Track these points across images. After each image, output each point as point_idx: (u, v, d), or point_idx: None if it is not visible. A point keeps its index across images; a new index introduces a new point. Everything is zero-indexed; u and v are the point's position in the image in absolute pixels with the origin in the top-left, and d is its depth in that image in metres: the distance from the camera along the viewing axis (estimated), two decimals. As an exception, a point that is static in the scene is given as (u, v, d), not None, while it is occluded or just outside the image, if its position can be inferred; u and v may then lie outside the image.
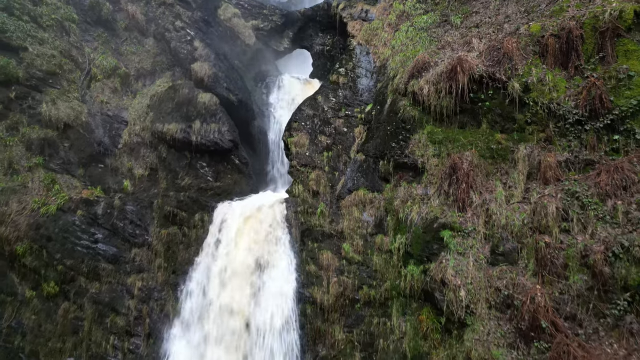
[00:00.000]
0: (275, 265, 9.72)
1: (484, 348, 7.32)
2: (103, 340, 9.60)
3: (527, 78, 9.15)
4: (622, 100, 8.23)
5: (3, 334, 9.14)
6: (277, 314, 9.15)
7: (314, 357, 9.24)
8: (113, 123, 12.08)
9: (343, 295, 9.47)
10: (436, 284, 8.24)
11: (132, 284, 10.03)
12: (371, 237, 9.97)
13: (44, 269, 9.71)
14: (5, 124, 11.23)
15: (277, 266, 9.74)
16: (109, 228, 10.39)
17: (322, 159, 11.17)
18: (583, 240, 7.45)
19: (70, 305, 9.68)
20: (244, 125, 12.82)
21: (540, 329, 7.00)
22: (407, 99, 10.48)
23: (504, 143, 9.26)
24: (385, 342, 8.79)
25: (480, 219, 8.53)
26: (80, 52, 13.16)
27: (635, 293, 6.55)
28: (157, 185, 11.34)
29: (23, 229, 9.79)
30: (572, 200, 7.90)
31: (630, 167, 7.73)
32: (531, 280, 7.59)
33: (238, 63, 14.44)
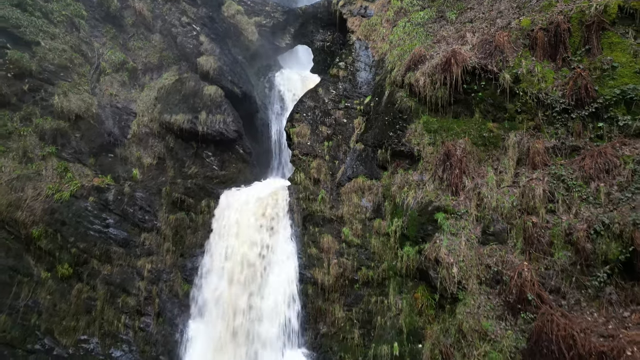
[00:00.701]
0: (278, 247, 10.22)
1: (475, 320, 7.82)
2: (115, 319, 10.09)
3: (518, 69, 9.65)
4: (606, 89, 8.73)
5: (20, 312, 9.63)
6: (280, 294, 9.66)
7: (315, 334, 9.74)
8: (122, 114, 12.59)
9: (343, 276, 9.96)
10: (430, 262, 8.74)
11: (142, 266, 10.53)
12: (369, 222, 10.46)
13: (58, 252, 10.21)
14: (19, 115, 11.71)
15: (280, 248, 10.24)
16: (119, 214, 10.89)
17: (323, 149, 11.67)
18: (567, 219, 7.95)
19: (84, 286, 10.18)
20: (248, 117, 13.33)
21: (527, 301, 7.50)
22: (404, 90, 10.97)
23: (496, 131, 9.76)
24: (382, 319, 9.29)
25: (473, 202, 9.03)
26: (89, 47, 13.66)
27: (615, 266, 7.04)
28: (165, 173, 11.84)
29: (38, 214, 10.28)
30: (558, 183, 8.39)
31: (613, 152, 8.23)
32: (519, 258, 8.09)
33: (241, 58, 14.94)
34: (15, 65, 11.96)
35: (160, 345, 9.90)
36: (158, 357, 9.81)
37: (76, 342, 9.79)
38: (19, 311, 9.61)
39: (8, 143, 11.26)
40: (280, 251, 10.29)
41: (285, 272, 10.08)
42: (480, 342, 7.61)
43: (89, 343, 9.84)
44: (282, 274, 10.05)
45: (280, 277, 10.01)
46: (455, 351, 7.87)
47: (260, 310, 9.65)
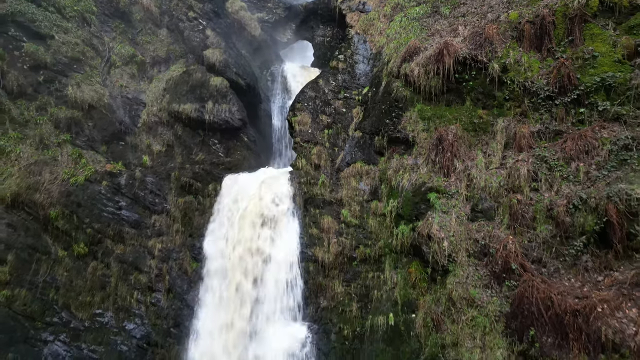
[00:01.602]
0: (280, 226, 10.86)
1: (463, 289, 8.46)
2: (128, 295, 10.74)
3: (506, 60, 10.28)
4: (587, 77, 9.37)
5: (39, 288, 10.27)
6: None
7: (316, 308, 10.38)
8: (132, 105, 13.23)
9: (342, 254, 10.61)
10: (423, 238, 9.38)
11: (153, 246, 11.18)
12: (367, 203, 11.11)
13: (74, 232, 10.85)
14: (35, 104, 12.35)
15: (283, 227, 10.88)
16: (131, 197, 11.54)
17: (323, 136, 12.31)
18: (549, 196, 8.59)
19: (98, 264, 10.83)
20: (252, 108, 13.97)
21: (511, 270, 8.14)
22: (400, 80, 11.61)
23: (485, 117, 10.40)
24: (378, 293, 9.94)
25: (463, 183, 9.67)
26: (100, 41, 14.30)
27: (590, 237, 7.68)
28: (174, 160, 12.48)
29: (55, 196, 10.92)
30: (541, 164, 9.04)
31: (592, 135, 8.86)
32: (505, 232, 8.74)
33: (245, 52, 15.58)
34: (31, 58, 12.61)
35: (170, 318, 10.55)
36: (169, 329, 10.46)
37: (91, 315, 10.44)
38: (38, 286, 10.25)
39: (25, 131, 11.90)
40: (283, 231, 10.93)
41: (287, 250, 10.71)
42: (468, 309, 8.26)
43: (103, 317, 10.48)
44: (284, 252, 10.68)
45: (283, 255, 10.64)
46: (445, 318, 8.51)
47: (265, 284, 10.28)
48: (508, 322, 7.70)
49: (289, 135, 15.42)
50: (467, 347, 7.95)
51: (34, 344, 9.79)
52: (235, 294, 10.17)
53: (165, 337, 10.42)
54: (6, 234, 10.32)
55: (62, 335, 10.06)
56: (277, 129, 15.04)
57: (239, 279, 10.34)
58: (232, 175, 11.85)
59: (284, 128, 15.27)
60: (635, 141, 8.22)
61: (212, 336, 10.02)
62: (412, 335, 8.96)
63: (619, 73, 9.04)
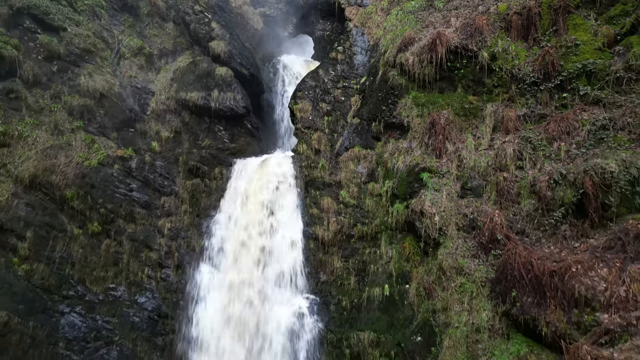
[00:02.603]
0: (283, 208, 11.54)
1: (453, 259, 9.12)
2: (139, 270, 11.40)
3: (495, 49, 10.94)
4: (570, 64, 10.02)
5: (56, 263, 10.92)
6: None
7: (316, 282, 11.05)
8: (141, 94, 13.89)
9: (340, 232, 11.27)
10: (416, 214, 10.03)
11: (163, 225, 11.83)
12: (364, 185, 11.77)
13: (88, 211, 11.50)
14: (49, 93, 13.00)
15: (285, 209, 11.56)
16: (141, 180, 12.19)
17: (323, 123, 12.97)
18: (533, 173, 9.25)
19: (111, 242, 11.48)
20: (255, 97, 14.62)
21: (497, 241, 8.80)
22: (396, 69, 12.26)
23: (475, 103, 11.06)
24: (375, 267, 10.60)
25: (453, 163, 10.33)
26: (110, 33, 14.96)
27: (569, 208, 8.34)
28: (181, 145, 13.13)
29: (70, 178, 11.57)
30: (526, 144, 9.70)
31: (573, 117, 9.52)
32: (492, 207, 9.40)
33: (248, 45, 16.22)
34: (45, 49, 13.27)
35: (179, 292, 11.22)
36: (178, 302, 11.13)
37: (105, 289, 11.10)
38: (55, 262, 10.91)
39: (41, 117, 12.56)
40: (285, 211, 11.59)
41: (290, 229, 11.38)
42: (457, 276, 8.92)
43: (116, 291, 11.14)
44: (287, 230, 11.35)
45: (287, 232, 11.31)
46: (436, 286, 9.17)
47: (269, 258, 10.96)
48: (493, 286, 8.36)
49: (290, 124, 16.12)
50: (455, 311, 8.62)
51: (52, 315, 10.45)
52: (243, 267, 10.85)
53: (175, 310, 11.08)
54: (25, 212, 10.99)
55: (77, 307, 10.71)
56: (278, 118, 15.70)
57: (247, 253, 11.01)
58: (240, 159, 12.54)
59: (285, 118, 15.92)
60: (612, 121, 8.88)
61: (222, 302, 10.71)
62: (406, 304, 9.62)
63: (599, 60, 9.69)
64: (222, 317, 10.79)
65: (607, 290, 6.78)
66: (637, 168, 7.74)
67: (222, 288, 10.95)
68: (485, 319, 8.15)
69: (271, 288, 10.85)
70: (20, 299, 10.20)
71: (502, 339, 7.91)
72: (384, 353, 9.37)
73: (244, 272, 11.11)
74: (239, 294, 10.81)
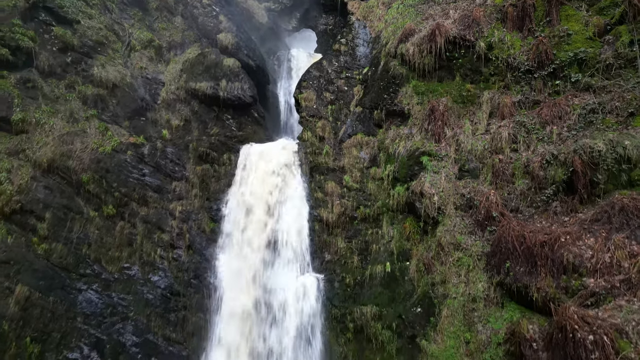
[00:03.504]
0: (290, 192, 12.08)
1: (451, 236, 9.67)
2: (152, 251, 11.94)
3: (491, 39, 11.48)
4: (562, 53, 10.57)
5: (74, 243, 11.45)
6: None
7: (321, 261, 11.60)
8: (152, 84, 14.42)
9: (344, 214, 11.81)
10: (416, 195, 10.58)
11: (174, 208, 12.38)
12: (367, 170, 12.32)
13: (103, 195, 12.03)
14: (64, 83, 13.53)
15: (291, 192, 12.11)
16: (153, 165, 12.73)
17: (327, 111, 13.51)
18: (526, 155, 9.79)
19: (125, 224, 12.02)
20: (261, 88, 15.15)
21: (492, 218, 9.34)
22: (397, 60, 12.79)
23: (473, 91, 11.60)
24: (377, 246, 11.15)
25: (452, 147, 10.88)
26: (120, 27, 15.48)
27: (559, 186, 8.88)
28: (191, 133, 13.66)
29: (86, 163, 12.10)
30: (520, 128, 10.24)
31: (565, 103, 10.07)
32: (488, 187, 9.94)
33: (253, 38, 16.75)
34: (59, 40, 13.80)
35: (191, 271, 11.76)
36: (190, 280, 11.67)
37: (120, 269, 11.64)
38: (72, 242, 11.45)
39: (56, 106, 13.08)
40: (291, 195, 12.15)
41: (296, 212, 11.93)
42: (454, 252, 9.46)
43: (130, 270, 11.68)
44: (294, 214, 11.90)
45: (293, 215, 11.86)
46: (435, 261, 9.72)
47: (277, 240, 11.52)
48: (488, 259, 8.90)
49: (294, 115, 16.67)
50: (453, 283, 9.16)
51: (70, 292, 10.99)
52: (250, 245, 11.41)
53: (187, 288, 11.62)
54: (43, 194, 11.53)
55: (94, 285, 11.25)
56: (282, 109, 16.24)
57: (254, 234, 11.56)
58: (247, 145, 13.13)
59: (288, 109, 16.46)
60: (601, 106, 9.43)
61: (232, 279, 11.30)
62: (407, 279, 10.17)
63: (590, 49, 10.24)
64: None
65: (593, 257, 7.32)
66: (624, 147, 8.27)
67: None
68: (481, 289, 8.70)
69: (279, 267, 11.39)
70: (40, 275, 10.74)
71: (496, 307, 8.46)
72: (386, 325, 9.92)
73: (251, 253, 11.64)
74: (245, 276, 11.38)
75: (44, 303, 10.52)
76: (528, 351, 7.29)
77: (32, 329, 10.26)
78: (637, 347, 6.09)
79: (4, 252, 10.64)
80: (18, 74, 12.80)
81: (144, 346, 10.93)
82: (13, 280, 10.41)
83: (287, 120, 15.99)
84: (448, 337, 8.69)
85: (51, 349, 10.35)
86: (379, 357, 9.91)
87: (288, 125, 16.09)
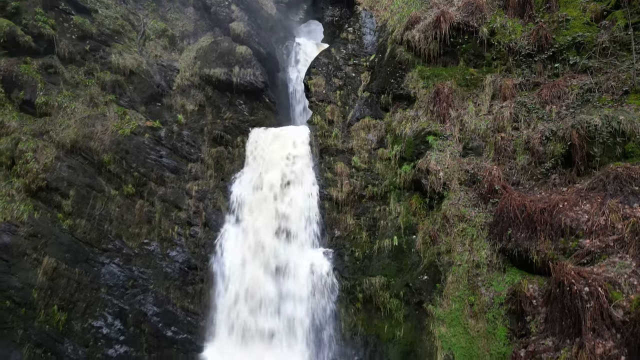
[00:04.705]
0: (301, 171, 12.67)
1: (456, 209, 10.23)
2: (170, 228, 12.52)
3: (493, 25, 12.04)
4: (561, 37, 11.13)
5: (96, 220, 12.03)
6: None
7: (331, 237, 12.17)
8: (167, 71, 15.00)
9: (353, 193, 12.38)
10: (422, 173, 11.14)
11: (190, 188, 12.96)
12: (374, 151, 12.88)
13: (123, 175, 12.62)
14: (83, 69, 14.12)
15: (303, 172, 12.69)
16: (170, 147, 13.32)
17: (336, 96, 14.07)
18: (527, 132, 10.35)
19: (144, 202, 12.60)
20: (271, 75, 15.72)
21: (495, 191, 9.91)
22: (403, 46, 13.34)
23: (476, 75, 12.16)
24: (384, 222, 11.71)
25: (456, 127, 11.44)
26: (135, 16, 16.07)
27: (558, 159, 9.43)
28: (205, 118, 14.24)
29: (107, 144, 12.69)
30: (521, 108, 10.80)
31: (564, 84, 10.63)
32: (490, 163, 10.50)
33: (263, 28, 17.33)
34: (78, 29, 14.39)
35: (208, 246, 12.35)
36: (207, 255, 12.26)
37: (140, 244, 12.22)
38: (95, 218, 12.04)
39: (77, 91, 13.68)
40: (302, 175, 12.72)
41: (306, 191, 12.51)
42: (459, 223, 10.03)
43: (150, 245, 12.27)
44: (304, 192, 12.48)
45: (303, 194, 12.44)
46: (440, 233, 10.28)
47: (288, 216, 12.10)
48: (491, 229, 9.47)
49: (302, 103, 17.24)
50: (458, 252, 9.73)
51: (94, 265, 11.59)
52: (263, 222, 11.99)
53: (204, 262, 12.21)
54: (67, 173, 12.13)
55: (116, 259, 11.84)
56: (291, 97, 16.81)
57: (267, 212, 12.14)
58: (259, 128, 13.74)
59: (297, 96, 17.03)
60: (597, 85, 9.99)
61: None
62: (413, 251, 10.73)
63: (587, 33, 10.80)
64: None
65: (589, 221, 7.89)
66: (618, 122, 8.83)
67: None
68: (484, 256, 9.27)
69: (291, 242, 11.97)
70: (66, 249, 11.35)
71: (498, 272, 9.03)
72: (394, 294, 10.50)
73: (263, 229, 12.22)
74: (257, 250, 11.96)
75: (70, 274, 11.12)
76: (528, 307, 7.87)
77: (59, 298, 10.87)
78: (628, 296, 6.66)
79: (32, 226, 11.25)
80: (40, 60, 13.40)
81: (164, 316, 11.52)
82: (41, 252, 11.02)
83: (295, 107, 16.56)
84: (453, 301, 9.26)
85: (77, 317, 10.95)
86: (387, 324, 10.48)
87: (297, 112, 16.67)
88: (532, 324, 7.66)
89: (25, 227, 11.12)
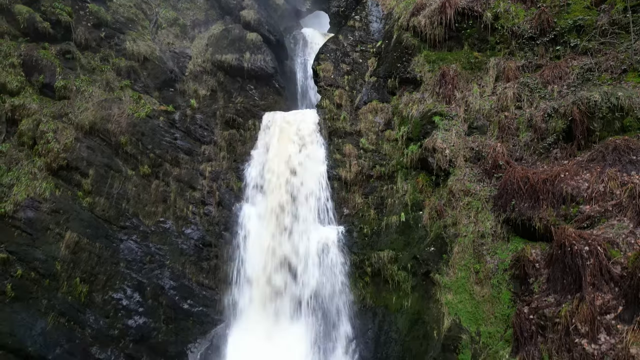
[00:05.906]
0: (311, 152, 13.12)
1: (461, 184, 10.68)
2: (184, 207, 12.99)
3: (497, 9, 12.47)
4: (562, 21, 11.55)
5: (115, 198, 12.50)
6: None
7: (340, 215, 12.63)
8: (179, 57, 15.46)
9: (361, 173, 12.83)
10: (429, 151, 11.58)
11: (204, 169, 13.43)
12: (381, 133, 13.33)
13: (140, 156, 13.09)
14: (99, 55, 14.60)
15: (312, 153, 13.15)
16: (184, 130, 13.78)
17: (344, 81, 14.52)
18: (530, 111, 10.79)
19: (160, 182, 13.07)
20: (280, 62, 16.18)
21: (498, 166, 10.35)
22: (409, 32, 13.78)
23: (480, 58, 12.60)
24: (392, 200, 12.16)
25: (461, 108, 11.88)
26: (148, 6, 16.54)
27: (559, 135, 9.86)
28: (217, 102, 14.71)
29: (124, 126, 13.15)
30: (524, 88, 11.23)
31: (565, 65, 11.06)
32: (495, 141, 10.94)
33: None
34: (94, 16, 14.85)
35: (222, 224, 12.82)
36: (221, 232, 12.74)
37: (156, 222, 12.70)
38: (113, 197, 12.51)
39: (93, 76, 14.15)
40: (312, 156, 13.18)
41: (316, 171, 12.96)
42: (464, 197, 10.47)
43: (165, 224, 12.74)
44: (314, 173, 12.93)
45: (314, 174, 12.90)
46: (446, 207, 10.74)
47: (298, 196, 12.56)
48: (495, 201, 9.91)
49: (309, 90, 17.69)
50: (463, 224, 10.18)
51: (113, 240, 12.06)
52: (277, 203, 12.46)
53: (218, 239, 12.68)
54: (86, 153, 12.59)
55: (134, 236, 12.32)
56: (299, 84, 17.26)
57: (278, 191, 12.61)
58: (270, 112, 14.19)
59: (305, 84, 17.48)
60: (597, 65, 10.42)
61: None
62: (420, 226, 11.18)
63: (587, 16, 11.22)
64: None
65: (589, 188, 8.33)
66: (617, 98, 9.25)
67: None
68: (489, 226, 9.71)
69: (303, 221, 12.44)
70: (86, 224, 11.82)
71: (503, 241, 9.47)
72: (402, 266, 10.95)
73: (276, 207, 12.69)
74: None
75: (91, 248, 11.59)
76: (531, 270, 8.31)
77: (81, 270, 11.35)
78: (626, 254, 7.10)
79: (54, 202, 11.72)
80: (58, 46, 13.87)
81: (181, 290, 12.00)
82: (63, 227, 11.50)
83: (303, 94, 17.02)
84: (459, 270, 9.71)
85: (98, 290, 11.43)
86: (395, 296, 10.94)
87: (305, 99, 17.12)
88: (535, 284, 8.11)
89: (47, 204, 11.59)
